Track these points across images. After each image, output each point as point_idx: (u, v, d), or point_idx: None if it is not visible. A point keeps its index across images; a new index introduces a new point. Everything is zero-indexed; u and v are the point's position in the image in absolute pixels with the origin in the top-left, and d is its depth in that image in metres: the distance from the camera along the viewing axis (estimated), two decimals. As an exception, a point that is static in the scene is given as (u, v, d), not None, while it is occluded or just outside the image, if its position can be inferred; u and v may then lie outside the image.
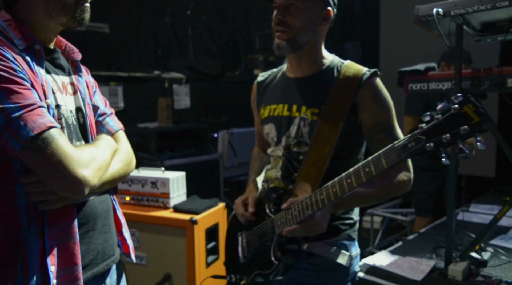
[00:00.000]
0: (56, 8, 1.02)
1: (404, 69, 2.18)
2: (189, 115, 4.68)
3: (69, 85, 1.11)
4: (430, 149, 0.96)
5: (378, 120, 1.29)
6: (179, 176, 2.34)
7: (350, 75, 1.32)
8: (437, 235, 2.52)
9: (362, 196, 1.26)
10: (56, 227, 0.99)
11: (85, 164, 0.96)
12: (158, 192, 2.28)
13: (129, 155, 1.20)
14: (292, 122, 1.35)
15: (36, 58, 1.01)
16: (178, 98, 4.75)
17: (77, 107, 1.11)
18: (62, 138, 0.94)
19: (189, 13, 5.10)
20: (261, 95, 1.52)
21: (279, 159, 1.40)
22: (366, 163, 1.09)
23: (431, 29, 2.03)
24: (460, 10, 1.79)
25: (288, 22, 1.29)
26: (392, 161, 1.04)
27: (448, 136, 0.93)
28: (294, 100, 1.37)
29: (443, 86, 2.05)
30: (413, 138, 0.99)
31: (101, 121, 1.22)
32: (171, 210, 2.26)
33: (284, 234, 1.25)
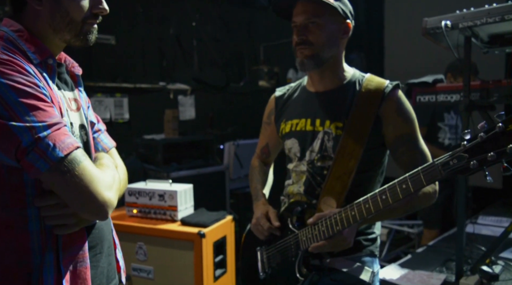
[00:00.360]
0: (61, 23, 0.97)
1: (412, 81, 2.18)
2: (194, 126, 4.68)
3: (73, 101, 1.06)
4: (474, 167, 0.95)
5: (402, 132, 1.29)
6: (187, 188, 2.33)
7: (372, 88, 1.32)
8: (446, 247, 2.50)
9: (388, 210, 1.24)
10: (69, 252, 0.95)
11: (110, 186, 0.94)
12: (165, 205, 2.27)
13: (125, 173, 1.19)
14: (316, 137, 1.35)
15: (49, 73, 0.97)
16: (183, 109, 4.76)
17: (81, 124, 1.06)
18: (87, 160, 0.91)
19: (194, 25, 5.13)
20: (280, 110, 1.52)
21: (303, 174, 1.39)
22: (403, 179, 1.09)
23: (439, 41, 2.03)
24: (469, 23, 1.80)
25: (310, 39, 1.30)
26: (432, 179, 1.03)
27: (493, 154, 0.92)
28: (317, 115, 1.37)
29: (452, 98, 2.05)
30: (455, 156, 0.99)
31: (96, 138, 1.19)
32: (179, 223, 2.25)
33: (311, 250, 1.25)
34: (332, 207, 1.26)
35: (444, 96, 2.06)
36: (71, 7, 0.96)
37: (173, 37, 4.96)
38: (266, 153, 1.64)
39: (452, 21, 1.84)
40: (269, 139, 1.62)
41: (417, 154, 1.28)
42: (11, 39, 0.93)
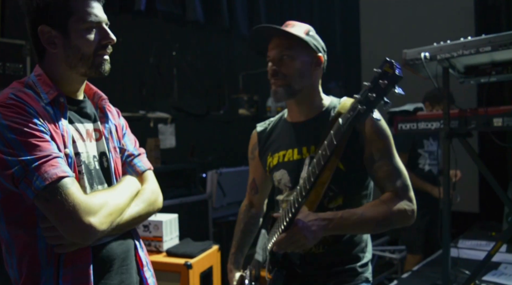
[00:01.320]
0: (75, 59, 1.10)
1: (394, 110, 2.25)
2: (175, 154, 4.65)
3: (94, 132, 1.19)
4: (363, 111, 1.06)
5: (377, 148, 1.33)
6: (172, 218, 2.30)
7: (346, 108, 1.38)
8: (431, 272, 2.52)
9: (359, 218, 1.24)
10: (70, 269, 1.04)
11: (93, 212, 1.00)
12: (150, 236, 2.23)
13: (153, 195, 1.24)
14: (304, 163, 1.37)
15: (60, 110, 1.10)
16: (163, 138, 4.73)
17: (101, 152, 1.19)
18: (73, 187, 1.00)
19: (174, 54, 5.18)
20: (264, 144, 1.55)
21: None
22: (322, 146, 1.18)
23: (418, 72, 2.13)
24: (446, 55, 1.90)
25: (283, 71, 1.36)
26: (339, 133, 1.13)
27: (373, 93, 1.04)
28: (302, 143, 1.41)
29: (432, 126, 2.13)
30: (351, 108, 1.10)
31: (129, 162, 1.28)
32: (164, 254, 2.21)
33: (274, 249, 1.25)
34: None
35: (425, 124, 2.14)
36: (81, 43, 1.10)
37: (153, 65, 4.98)
38: (254, 188, 1.66)
39: (430, 53, 1.93)
40: (255, 174, 1.64)
41: (392, 169, 1.31)
42: (30, 84, 1.10)
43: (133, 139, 1.35)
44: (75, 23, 1.09)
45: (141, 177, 1.26)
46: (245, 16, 3.76)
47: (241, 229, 1.67)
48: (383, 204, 1.27)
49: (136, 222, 1.17)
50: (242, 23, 3.68)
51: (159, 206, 1.26)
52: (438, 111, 2.17)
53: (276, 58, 1.37)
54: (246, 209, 1.69)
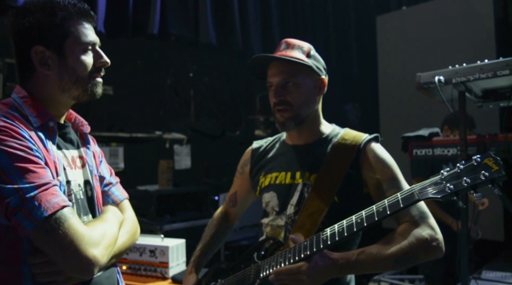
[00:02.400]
0: (69, 82, 1.06)
1: (408, 135, 2.17)
2: (190, 175, 4.64)
3: (78, 159, 1.14)
4: (451, 190, 0.98)
5: (384, 178, 1.27)
6: (179, 244, 2.25)
7: (350, 138, 1.34)
8: (450, 307, 2.39)
9: (374, 258, 1.14)
10: None
11: (96, 243, 0.96)
12: (156, 261, 2.18)
13: (134, 225, 1.20)
14: (295, 189, 1.32)
15: (49, 134, 1.04)
16: (178, 159, 4.73)
17: (85, 180, 1.14)
18: (74, 218, 0.94)
19: (191, 75, 5.23)
20: (257, 162, 1.51)
21: (280, 229, 1.34)
22: (381, 203, 1.08)
23: (432, 95, 2.05)
24: (462, 78, 1.82)
25: (289, 100, 1.31)
26: (409, 201, 1.03)
27: (467, 179, 0.97)
28: (297, 167, 1.35)
29: (448, 151, 2.03)
30: (433, 182, 1.02)
31: (107, 191, 1.23)
32: (170, 281, 2.15)
33: (271, 278, 1.15)
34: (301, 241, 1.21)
35: (441, 150, 2.05)
36: (77, 65, 1.06)
37: (170, 87, 5.03)
38: (233, 201, 1.63)
39: (445, 76, 1.86)
40: (239, 189, 1.61)
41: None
42: (16, 106, 1.03)
43: (109, 167, 1.31)
44: (72, 45, 1.05)
45: (119, 207, 1.21)
46: (258, 37, 3.77)
47: (212, 233, 1.62)
48: (400, 237, 1.17)
49: (122, 254, 1.13)
50: (255, 44, 3.68)
51: (138, 236, 1.23)
52: (456, 136, 2.07)
53: (279, 85, 1.31)
54: (222, 217, 1.66)
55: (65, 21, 1.05)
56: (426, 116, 3.31)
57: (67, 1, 1.07)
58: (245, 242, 3.80)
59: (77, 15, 1.07)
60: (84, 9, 1.09)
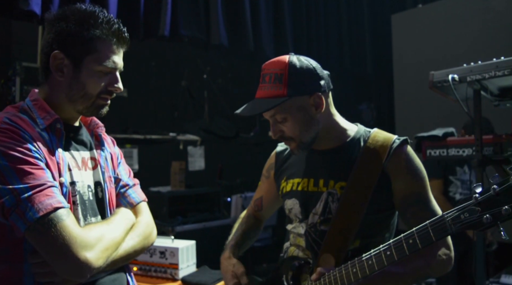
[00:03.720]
0: (77, 94, 1.08)
1: (422, 135, 2.12)
2: (203, 177, 4.64)
3: (90, 160, 1.15)
4: (488, 221, 0.89)
5: (411, 191, 1.20)
6: (189, 245, 2.24)
7: (378, 144, 1.25)
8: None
9: (395, 277, 1.14)
10: None
11: (90, 246, 0.95)
12: (166, 263, 2.17)
13: (148, 228, 1.19)
14: (320, 198, 1.27)
15: (57, 136, 1.06)
16: (192, 160, 4.75)
17: (96, 182, 1.14)
18: (68, 219, 0.94)
19: (205, 77, 5.24)
20: (280, 166, 1.46)
21: (300, 238, 1.31)
22: (410, 234, 1.01)
23: (447, 94, 2.00)
24: (477, 76, 1.77)
25: (287, 134, 1.24)
26: (442, 234, 0.96)
27: (507, 207, 0.87)
28: (320, 174, 1.29)
29: (464, 152, 1.98)
30: (466, 209, 0.92)
31: (123, 193, 1.23)
32: (180, 282, 2.14)
33: None
34: (331, 264, 1.17)
35: (455, 150, 1.99)
36: (88, 82, 1.07)
37: (184, 89, 5.05)
38: (259, 206, 1.57)
39: (459, 74, 1.81)
40: (265, 193, 1.55)
41: (428, 216, 1.13)
42: (26, 108, 1.06)
43: (128, 169, 1.31)
44: (91, 62, 1.07)
45: (135, 209, 1.21)
46: (270, 38, 3.73)
47: (244, 229, 1.54)
48: (421, 258, 1.16)
49: (130, 257, 1.11)
50: (267, 45, 3.65)
51: (153, 240, 1.21)
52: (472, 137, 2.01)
53: (271, 122, 1.26)
54: (248, 216, 1.59)
55: (94, 38, 1.06)
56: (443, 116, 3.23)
57: (107, 19, 1.08)
58: (258, 244, 3.77)
59: (110, 36, 1.08)
60: (120, 31, 1.10)
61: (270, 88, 1.21)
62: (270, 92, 1.21)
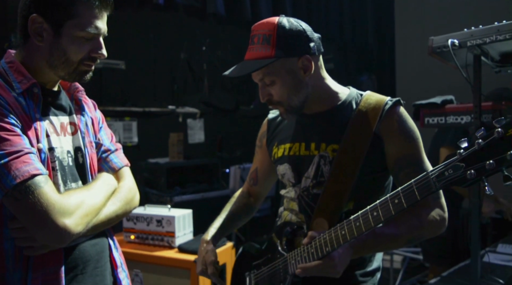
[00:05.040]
0: (57, 60, 1.03)
1: (420, 102, 2.09)
2: (203, 149, 4.64)
3: (69, 125, 1.12)
4: (472, 177, 0.87)
5: (404, 153, 1.17)
6: (186, 214, 2.25)
7: (370, 106, 1.22)
8: (461, 278, 2.33)
9: (387, 239, 1.14)
10: (41, 272, 0.97)
11: (69, 212, 0.94)
12: (163, 231, 2.19)
13: (130, 193, 1.17)
14: (311, 161, 1.25)
15: (34, 101, 1.02)
16: (192, 133, 4.74)
17: (76, 147, 1.11)
18: (47, 186, 0.93)
19: (204, 49, 5.17)
20: (272, 133, 1.43)
21: (293, 202, 1.30)
22: (395, 194, 0.99)
23: (446, 61, 1.95)
24: (477, 41, 1.72)
25: (275, 99, 1.21)
26: (426, 191, 0.94)
27: (492, 162, 0.84)
28: (311, 138, 1.27)
29: (462, 119, 1.95)
30: (450, 166, 0.90)
31: (105, 158, 1.21)
32: (176, 250, 2.16)
33: (298, 272, 1.13)
34: (324, 229, 1.16)
35: (453, 118, 1.97)
36: (70, 48, 1.02)
37: (183, 61, 4.99)
38: (254, 179, 1.53)
39: (459, 39, 1.76)
40: (259, 164, 1.51)
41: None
42: (1, 71, 1.02)
43: (110, 133, 1.27)
44: (73, 28, 1.01)
45: (117, 174, 1.18)
46: (269, 8, 3.65)
47: (232, 210, 1.51)
48: (414, 218, 1.14)
49: (112, 222, 1.10)
50: (265, 13, 3.57)
51: (135, 204, 1.19)
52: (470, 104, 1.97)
53: (260, 85, 1.23)
54: (243, 195, 1.56)
55: (76, 1, 1.00)
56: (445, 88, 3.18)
57: None
58: (258, 214, 3.80)
59: (92, 0, 1.02)
60: None
61: (258, 49, 1.19)
62: (258, 53, 1.18)
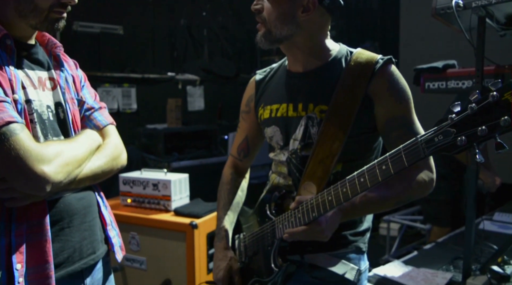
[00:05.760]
0: (26, 8, 0.99)
1: (421, 67, 2.04)
2: (203, 117, 4.62)
3: (48, 80, 1.09)
4: (462, 143, 0.81)
5: (395, 114, 1.12)
6: (182, 178, 2.25)
7: (360, 65, 1.15)
8: (456, 245, 2.35)
9: (376, 201, 1.11)
10: (25, 224, 0.96)
11: (47, 160, 0.92)
12: (159, 195, 2.20)
13: (116, 150, 1.16)
14: (299, 123, 1.21)
15: (7, 53, 0.99)
16: (192, 100, 4.70)
17: (57, 102, 1.09)
18: (22, 133, 0.90)
19: (205, 15, 5.05)
20: (260, 95, 1.36)
21: (282, 165, 1.27)
22: (383, 159, 0.95)
23: (450, 23, 1.89)
24: (482, 1, 1.65)
25: (264, 15, 1.17)
26: (414, 158, 0.89)
27: (484, 128, 0.78)
28: (299, 98, 1.22)
29: (463, 84, 1.90)
30: (441, 131, 0.85)
31: (89, 115, 1.18)
32: (172, 213, 2.18)
33: (285, 237, 1.12)
34: (312, 193, 1.14)
35: (455, 82, 1.92)
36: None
37: (183, 27, 4.89)
38: (245, 149, 1.45)
39: (464, 0, 1.69)
40: (249, 131, 1.42)
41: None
42: None
43: (93, 92, 1.24)
44: None
45: (102, 132, 1.16)
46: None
47: (231, 199, 1.44)
48: (403, 181, 1.11)
49: (97, 177, 1.09)
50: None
51: (123, 162, 1.17)
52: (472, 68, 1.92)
53: None
54: (233, 178, 1.47)
55: None
56: (449, 55, 3.11)
57: None
58: (254, 181, 3.80)
59: None
60: None
61: None
62: None
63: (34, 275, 0.95)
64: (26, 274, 0.94)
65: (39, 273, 0.96)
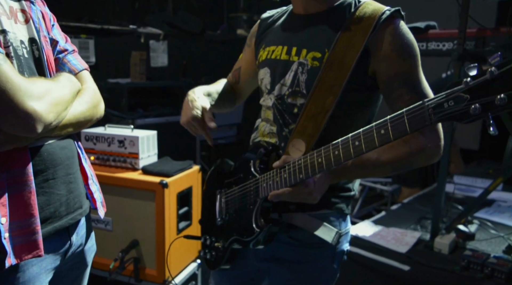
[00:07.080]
0: None
1: (402, 26, 1.99)
2: (166, 73, 4.41)
3: (20, 12, 0.97)
4: (476, 112, 0.72)
5: (396, 71, 1.02)
6: (150, 135, 2.13)
7: (366, 15, 1.06)
8: (421, 206, 2.43)
9: (370, 165, 1.03)
10: (6, 173, 0.86)
11: (37, 97, 0.81)
12: (126, 152, 2.08)
13: (96, 96, 1.06)
14: (290, 68, 1.12)
15: None
16: (154, 55, 4.46)
17: (31, 38, 0.97)
18: (6, 65, 0.78)
19: (169, -36, 4.73)
20: (262, 33, 1.29)
21: (269, 111, 1.19)
22: (383, 123, 0.86)
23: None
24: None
25: None
26: (418, 124, 0.80)
27: (503, 96, 0.68)
28: (294, 42, 1.14)
29: (444, 46, 1.88)
30: (452, 96, 0.74)
31: (62, 58, 1.07)
32: (140, 172, 2.07)
33: (270, 198, 1.06)
34: (301, 151, 1.06)
35: (435, 44, 1.89)
36: None
37: (146, -24, 4.56)
38: (236, 77, 1.42)
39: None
40: (243, 63, 1.39)
41: (416, 99, 0.91)
42: None
43: (64, 35, 1.13)
44: None
45: (77, 77, 1.06)
46: None
47: (218, 87, 1.36)
48: (404, 144, 1.01)
49: (80, 125, 1.00)
50: None
51: (101, 111, 1.09)
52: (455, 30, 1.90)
53: None
54: (227, 83, 1.42)
55: None
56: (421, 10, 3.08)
57: None
58: (223, 141, 3.73)
59: None
60: None
61: None
62: None
63: (18, 230, 0.86)
64: (10, 229, 0.85)
65: (24, 227, 0.87)
